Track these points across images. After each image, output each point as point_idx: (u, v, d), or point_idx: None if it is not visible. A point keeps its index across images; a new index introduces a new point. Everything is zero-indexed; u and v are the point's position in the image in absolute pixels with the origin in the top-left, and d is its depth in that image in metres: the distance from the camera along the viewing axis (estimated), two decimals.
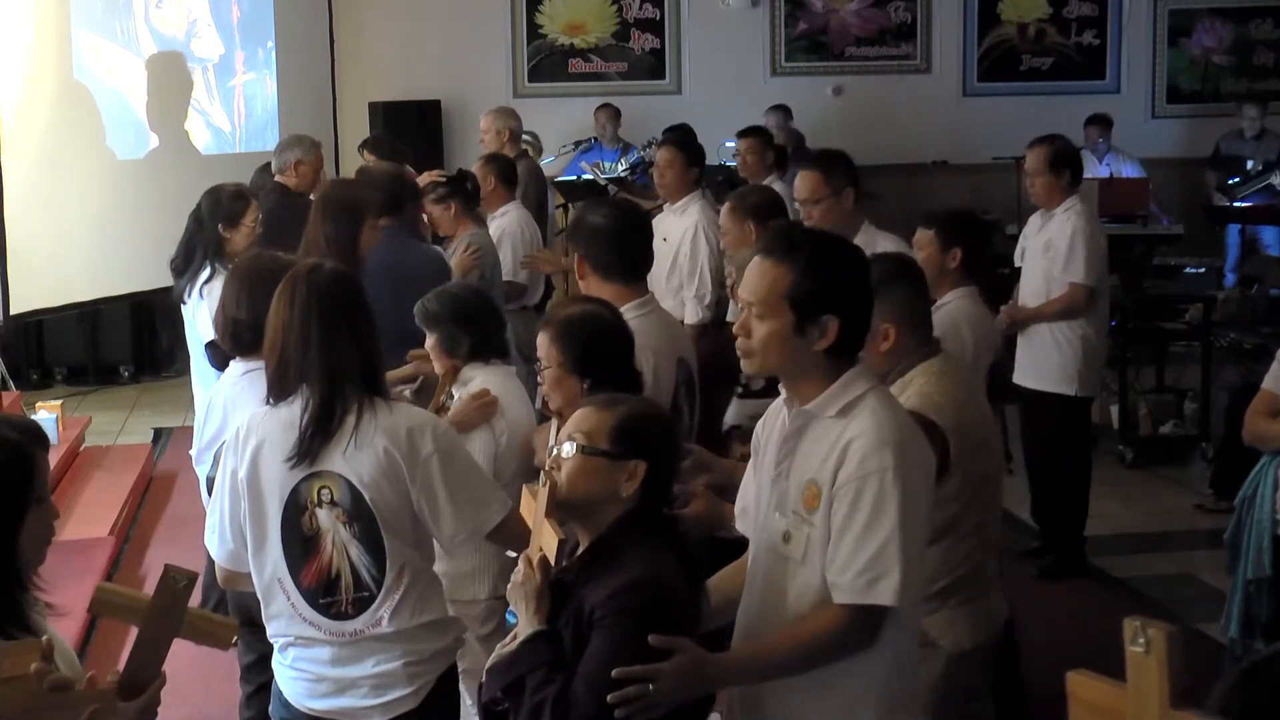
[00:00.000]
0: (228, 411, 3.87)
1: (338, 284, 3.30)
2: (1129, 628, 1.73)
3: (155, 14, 10.64)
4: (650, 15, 12.46)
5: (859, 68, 12.68)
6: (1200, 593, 6.40)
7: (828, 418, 2.80)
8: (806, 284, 2.75)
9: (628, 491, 2.79)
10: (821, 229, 4.16)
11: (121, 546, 7.01)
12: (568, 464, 2.82)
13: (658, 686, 2.60)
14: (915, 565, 2.75)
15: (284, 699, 3.38)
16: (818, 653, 2.77)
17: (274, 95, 11.34)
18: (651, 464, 2.81)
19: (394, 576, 3.25)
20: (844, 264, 2.84)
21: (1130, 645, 1.73)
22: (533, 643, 2.75)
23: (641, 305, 4.16)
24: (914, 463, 2.78)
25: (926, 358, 3.66)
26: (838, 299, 2.77)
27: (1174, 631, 1.70)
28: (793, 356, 2.79)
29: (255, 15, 11.26)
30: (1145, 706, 1.72)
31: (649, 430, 2.86)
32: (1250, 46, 13.08)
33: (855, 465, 2.73)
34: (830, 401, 2.79)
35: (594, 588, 2.71)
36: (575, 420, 2.88)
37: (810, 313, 2.75)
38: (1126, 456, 8.21)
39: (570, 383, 3.54)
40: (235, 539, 3.33)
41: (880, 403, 2.80)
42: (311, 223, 5.02)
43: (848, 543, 2.72)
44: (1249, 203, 11.12)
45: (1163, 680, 1.70)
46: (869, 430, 2.74)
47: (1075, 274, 6.46)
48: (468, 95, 11.68)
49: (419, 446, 3.22)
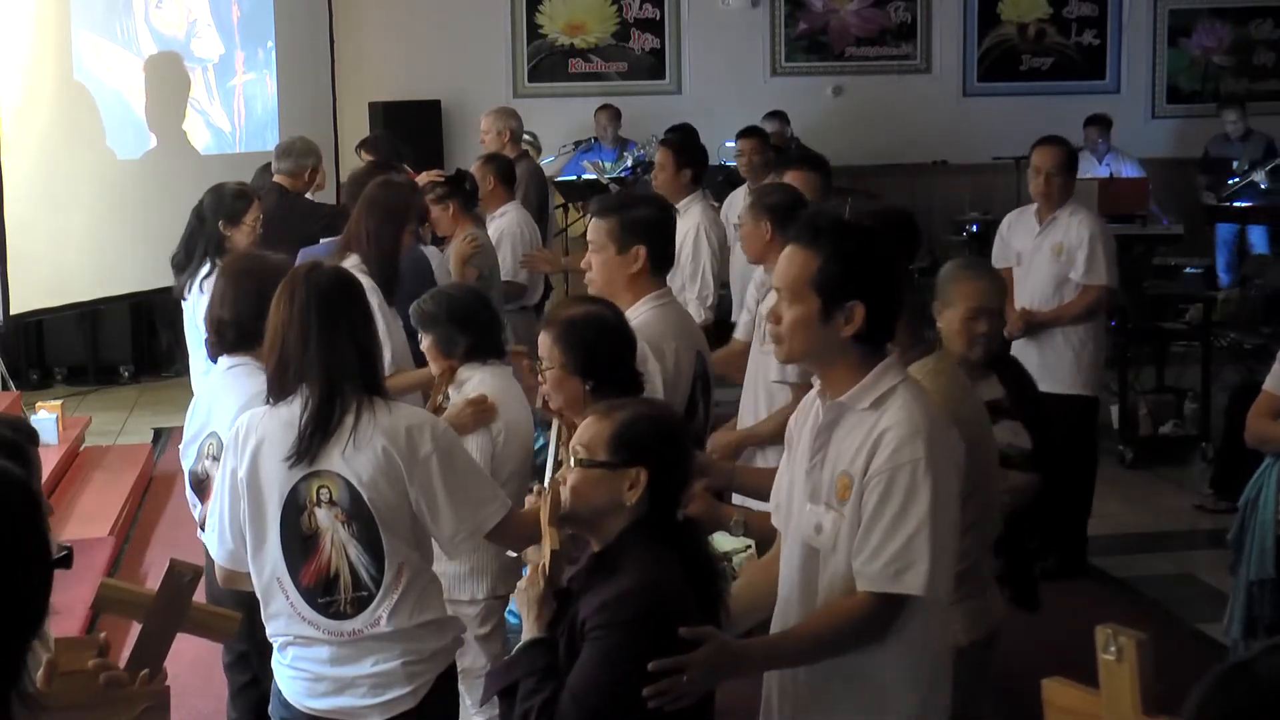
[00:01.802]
0: (211, 406, 3.91)
1: (337, 284, 3.31)
2: (1101, 635, 1.73)
3: (155, 14, 10.64)
4: (650, 15, 12.46)
5: (859, 68, 12.68)
6: (1200, 593, 6.40)
7: (860, 410, 2.81)
8: (831, 270, 2.78)
9: (631, 500, 2.77)
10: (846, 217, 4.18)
11: (121, 546, 7.01)
12: (571, 477, 2.82)
13: (690, 675, 2.63)
14: (946, 556, 2.76)
15: (283, 698, 3.38)
16: (838, 640, 2.79)
17: (274, 95, 11.34)
18: (654, 470, 2.79)
19: (393, 576, 3.25)
20: (869, 250, 2.85)
21: (1102, 653, 1.73)
22: (529, 650, 2.76)
23: (662, 295, 4.19)
24: (944, 455, 2.79)
25: (921, 355, 3.67)
26: (862, 285, 2.79)
27: (1144, 639, 1.70)
28: (821, 343, 2.82)
29: (255, 15, 11.26)
30: (1118, 713, 1.72)
31: (649, 436, 2.83)
32: (1250, 46, 13.08)
33: (887, 456, 2.75)
34: (863, 394, 2.81)
35: (589, 598, 2.71)
36: (578, 432, 2.88)
37: (836, 298, 2.78)
38: (1126, 456, 8.21)
39: (572, 384, 3.54)
40: (235, 539, 3.33)
41: (912, 395, 2.81)
42: (354, 218, 5.25)
43: (878, 532, 2.74)
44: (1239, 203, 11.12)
45: (1134, 687, 1.71)
46: (901, 422, 2.76)
47: (1097, 276, 6.48)
48: (468, 95, 11.68)
49: (418, 446, 3.22)
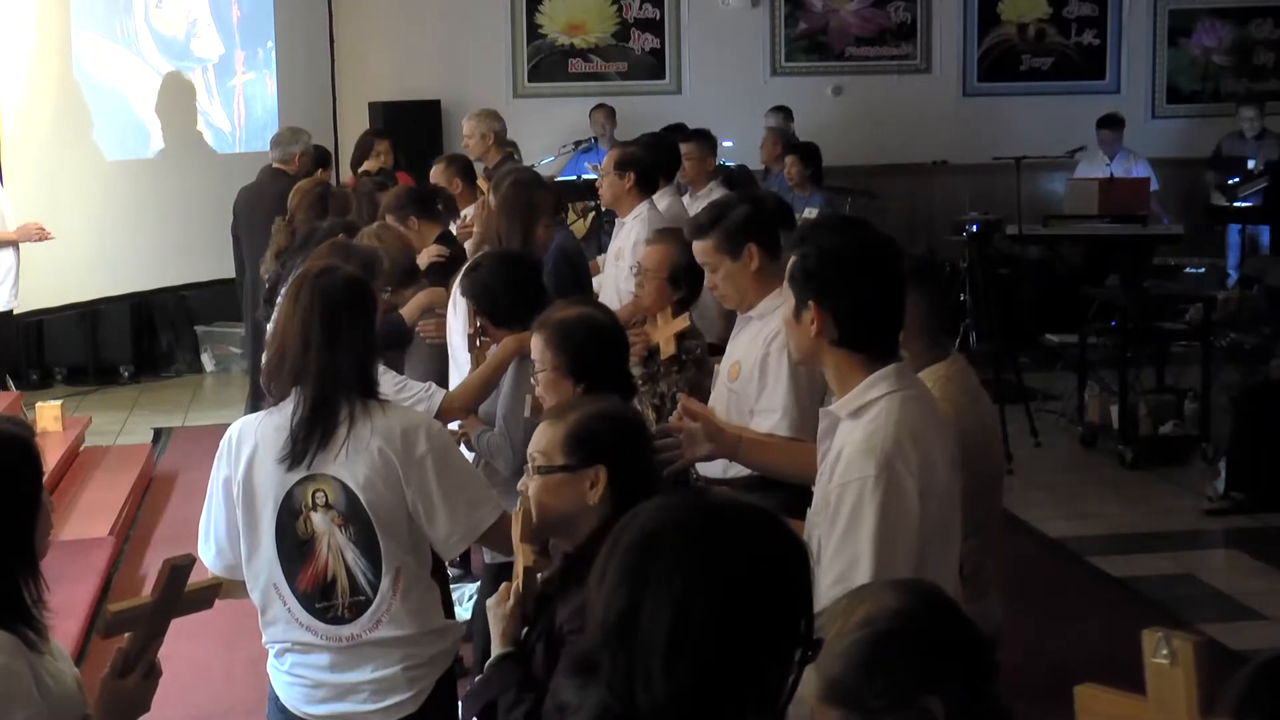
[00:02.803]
0: None
1: (343, 290, 3.29)
2: (1150, 639, 1.68)
3: (155, 14, 10.64)
4: (650, 15, 12.45)
5: (859, 68, 12.67)
6: (1200, 593, 6.39)
7: (845, 419, 2.81)
8: (796, 270, 2.82)
9: (594, 499, 2.72)
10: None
11: (121, 546, 7.00)
12: (531, 486, 2.78)
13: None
14: (892, 577, 2.64)
15: (280, 704, 3.36)
16: None
17: (274, 95, 11.34)
18: (613, 466, 2.74)
19: (390, 580, 3.24)
20: (831, 251, 2.82)
21: (1153, 657, 1.68)
22: (500, 665, 2.72)
23: None
24: (905, 472, 2.71)
25: (934, 361, 3.68)
26: (818, 285, 2.78)
27: (1201, 642, 1.66)
28: (801, 344, 2.86)
29: (255, 15, 11.26)
30: (1171, 718, 1.68)
31: (603, 433, 2.77)
32: (1250, 46, 13.07)
33: (840, 472, 2.73)
34: (849, 402, 2.81)
35: (566, 602, 2.66)
36: (534, 439, 2.83)
37: (800, 298, 2.81)
38: (1126, 456, 8.20)
39: (564, 386, 3.53)
40: (231, 548, 3.31)
41: (890, 407, 2.76)
42: (490, 215, 5.54)
43: (828, 551, 2.71)
44: (1249, 202, 11.12)
45: (1190, 692, 1.66)
46: (858, 438, 2.73)
47: None
48: (467, 95, 11.66)
49: (414, 446, 3.22)
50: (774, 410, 3.82)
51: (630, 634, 1.73)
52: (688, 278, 4.56)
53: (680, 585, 1.73)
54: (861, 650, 1.83)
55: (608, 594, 1.77)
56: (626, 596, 1.75)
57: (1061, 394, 9.29)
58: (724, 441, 3.55)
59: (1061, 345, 9.67)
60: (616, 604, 1.75)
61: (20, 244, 8.90)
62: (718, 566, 1.75)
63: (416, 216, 6.12)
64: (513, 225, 5.25)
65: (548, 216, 5.43)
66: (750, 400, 3.89)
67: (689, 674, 1.71)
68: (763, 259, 3.95)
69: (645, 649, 1.72)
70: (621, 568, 1.77)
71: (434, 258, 5.87)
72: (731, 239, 3.96)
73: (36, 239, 8.92)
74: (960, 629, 1.91)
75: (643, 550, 1.77)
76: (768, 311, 3.89)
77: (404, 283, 5.28)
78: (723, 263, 3.96)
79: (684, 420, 3.48)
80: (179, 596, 2.60)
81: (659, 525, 1.80)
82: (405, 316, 5.22)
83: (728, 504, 1.87)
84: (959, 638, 1.89)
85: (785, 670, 1.77)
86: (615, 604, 1.75)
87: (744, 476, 3.79)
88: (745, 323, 4.02)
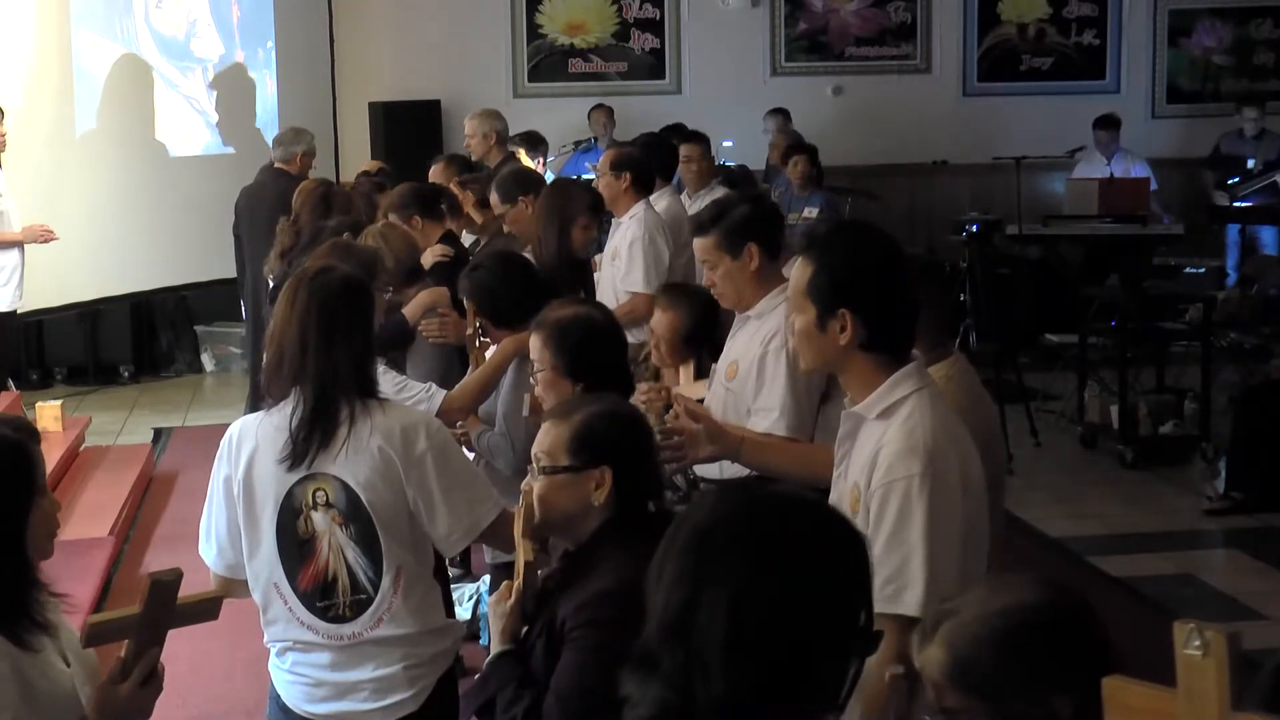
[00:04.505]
0: None
1: (341, 290, 3.29)
2: (1181, 631, 1.68)
3: (155, 14, 10.64)
4: (650, 15, 12.45)
5: (859, 68, 12.67)
6: (1200, 593, 6.39)
7: (872, 420, 2.81)
8: (821, 278, 2.80)
9: (599, 500, 2.73)
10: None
11: (121, 546, 7.00)
12: (536, 486, 2.77)
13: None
14: (945, 574, 2.69)
15: (281, 703, 3.36)
16: None
17: (274, 95, 11.34)
18: (618, 467, 2.74)
19: (391, 579, 3.24)
20: (859, 257, 2.84)
21: (1183, 649, 1.68)
22: (499, 662, 2.72)
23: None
24: (949, 469, 2.74)
25: (936, 361, 3.68)
26: (851, 292, 2.78)
27: (1233, 633, 1.67)
28: (825, 353, 2.84)
29: (255, 15, 11.26)
30: (1201, 711, 1.68)
31: (608, 434, 2.77)
32: (1250, 46, 13.07)
33: (884, 471, 2.73)
34: (875, 403, 2.81)
35: (566, 599, 2.67)
36: (538, 439, 2.83)
37: (829, 307, 2.78)
38: (1126, 456, 8.20)
39: (563, 385, 3.54)
40: (232, 548, 3.31)
41: (922, 405, 2.78)
42: (532, 218, 5.67)
43: (875, 550, 2.72)
44: (1249, 202, 11.13)
45: (1222, 683, 1.66)
46: (898, 437, 2.74)
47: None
48: (467, 95, 11.66)
49: (414, 444, 3.22)
50: (772, 410, 3.83)
51: (688, 629, 1.71)
52: (701, 334, 4.49)
53: (737, 580, 1.71)
54: (1003, 638, 1.81)
55: (665, 590, 1.75)
56: (684, 592, 1.73)
57: (1061, 394, 9.29)
58: (726, 442, 3.56)
59: (1061, 345, 9.67)
60: (674, 600, 1.73)
61: (25, 245, 8.91)
62: (775, 560, 1.73)
63: (420, 216, 6.09)
64: (549, 227, 5.29)
65: (585, 217, 5.46)
66: (747, 399, 3.90)
67: (748, 669, 1.69)
68: (762, 259, 3.96)
69: (703, 644, 1.70)
70: (678, 563, 1.75)
71: (438, 257, 5.86)
72: (732, 238, 3.96)
73: (42, 240, 8.93)
74: (1100, 634, 1.89)
75: (699, 545, 1.75)
76: (766, 311, 3.91)
77: (407, 282, 5.27)
78: (722, 261, 3.97)
79: (684, 421, 3.48)
80: (169, 609, 2.57)
81: (715, 519, 1.77)
82: (407, 316, 5.20)
83: (784, 496, 1.85)
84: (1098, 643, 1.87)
85: (845, 663, 1.76)
86: (673, 600, 1.73)
87: (740, 478, 3.79)
88: (743, 322, 4.03)
